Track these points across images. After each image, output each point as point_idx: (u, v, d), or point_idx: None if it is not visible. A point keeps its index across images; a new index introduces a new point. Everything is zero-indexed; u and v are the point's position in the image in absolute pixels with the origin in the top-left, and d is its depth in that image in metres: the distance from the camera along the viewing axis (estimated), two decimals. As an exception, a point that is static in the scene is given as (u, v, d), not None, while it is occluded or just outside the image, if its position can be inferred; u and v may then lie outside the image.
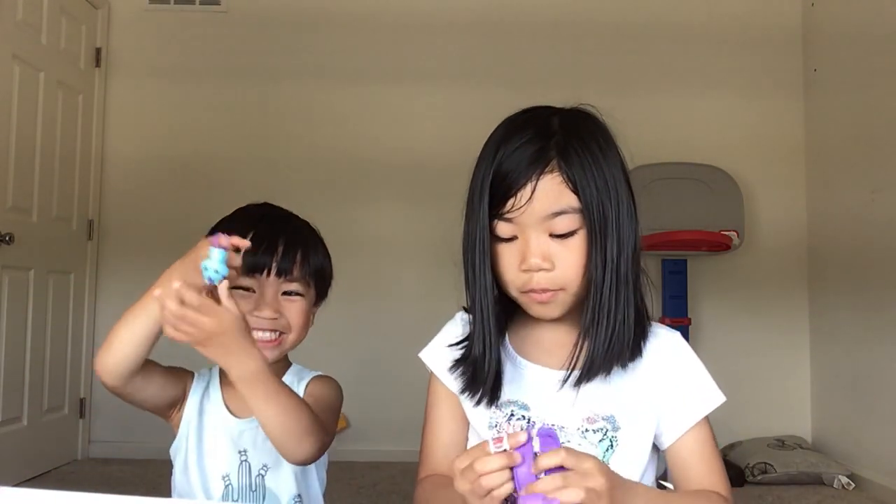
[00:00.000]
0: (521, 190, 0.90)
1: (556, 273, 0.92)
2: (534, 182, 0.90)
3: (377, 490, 2.99)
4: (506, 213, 0.91)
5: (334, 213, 3.67)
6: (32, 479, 3.12)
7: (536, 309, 0.96)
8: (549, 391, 0.98)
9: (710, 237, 3.46)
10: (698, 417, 0.98)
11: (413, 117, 3.83)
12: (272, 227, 1.19)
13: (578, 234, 0.91)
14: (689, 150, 3.67)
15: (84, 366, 3.62)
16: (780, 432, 3.60)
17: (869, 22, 3.27)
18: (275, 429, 1.02)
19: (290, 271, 1.16)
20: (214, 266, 0.94)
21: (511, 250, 0.93)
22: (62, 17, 3.42)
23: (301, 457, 1.06)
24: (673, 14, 3.84)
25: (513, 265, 0.93)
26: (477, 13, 3.85)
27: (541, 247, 0.91)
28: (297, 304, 1.18)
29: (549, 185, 0.90)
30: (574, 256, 0.92)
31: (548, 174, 0.90)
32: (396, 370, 3.31)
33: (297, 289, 1.18)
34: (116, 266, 3.73)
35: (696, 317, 3.65)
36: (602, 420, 0.97)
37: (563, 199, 0.90)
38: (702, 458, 0.98)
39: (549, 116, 0.95)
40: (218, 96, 3.82)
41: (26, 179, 3.16)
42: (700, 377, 1.01)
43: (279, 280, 1.16)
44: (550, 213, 0.90)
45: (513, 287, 0.95)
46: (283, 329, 1.17)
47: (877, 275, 3.16)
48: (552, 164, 0.90)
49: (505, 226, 0.92)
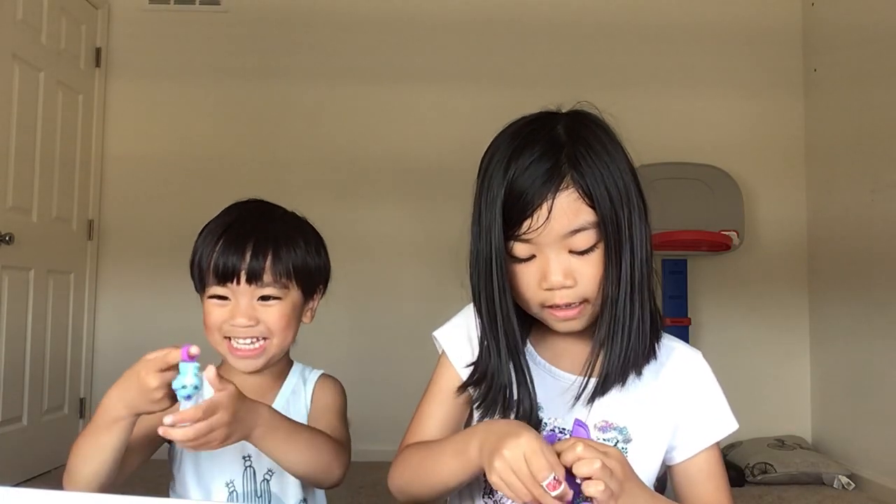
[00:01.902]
0: (538, 210, 0.87)
1: (578, 288, 0.90)
2: (550, 201, 0.87)
3: (377, 490, 2.99)
4: (522, 234, 0.89)
5: (334, 213, 3.67)
6: (32, 479, 3.11)
7: (560, 325, 0.94)
8: (565, 397, 0.98)
9: (710, 237, 3.46)
10: (713, 441, 1.00)
11: (413, 117, 3.83)
12: (242, 228, 1.13)
13: (597, 247, 0.90)
14: (689, 150, 3.66)
15: (84, 366, 3.62)
16: (780, 432, 3.60)
17: (869, 22, 3.27)
18: (302, 469, 1.01)
19: (259, 276, 1.10)
20: (191, 382, 0.87)
21: (530, 269, 0.91)
22: (62, 17, 3.42)
23: (332, 483, 1.05)
24: (673, 14, 3.84)
25: (532, 284, 0.91)
26: (477, 13, 3.85)
27: (562, 265, 0.89)
28: (273, 308, 1.12)
29: (566, 203, 0.87)
30: (595, 270, 0.90)
31: (563, 191, 0.87)
32: (397, 370, 3.31)
33: (272, 293, 1.12)
34: (116, 266, 3.73)
35: (696, 317, 3.65)
36: (614, 430, 0.97)
37: (580, 215, 0.88)
38: (709, 476, 1.00)
39: (553, 125, 0.92)
40: (218, 96, 3.82)
41: (26, 179, 3.16)
42: (719, 401, 1.02)
43: (251, 287, 1.10)
44: (569, 232, 0.88)
45: (533, 304, 0.93)
46: (264, 335, 1.12)
47: (877, 275, 3.16)
48: (566, 181, 0.88)
49: (522, 246, 0.90)
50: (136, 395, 0.92)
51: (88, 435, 0.98)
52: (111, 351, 3.69)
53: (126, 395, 0.93)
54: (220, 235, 1.13)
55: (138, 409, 0.93)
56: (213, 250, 1.12)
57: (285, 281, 1.13)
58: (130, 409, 0.94)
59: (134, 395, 0.92)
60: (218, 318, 1.12)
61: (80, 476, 0.98)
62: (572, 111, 0.97)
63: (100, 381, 3.69)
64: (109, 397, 0.95)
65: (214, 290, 1.12)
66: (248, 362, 1.13)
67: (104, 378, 3.68)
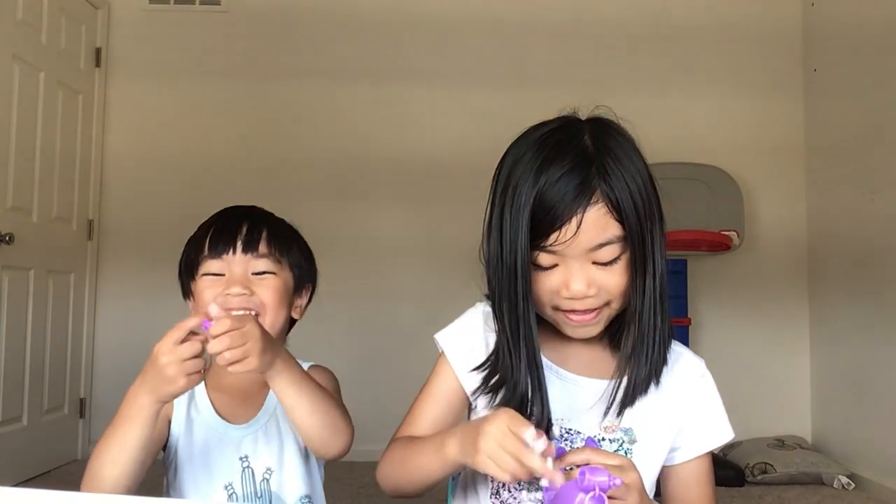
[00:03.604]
0: (567, 224, 0.87)
1: (598, 298, 0.91)
2: (580, 216, 0.87)
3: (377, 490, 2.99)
4: (549, 245, 0.89)
5: (334, 213, 3.68)
6: (32, 479, 3.12)
7: (575, 331, 0.95)
8: (572, 399, 0.98)
9: (710, 237, 3.46)
10: (709, 448, 1.02)
11: (413, 117, 3.83)
12: (235, 213, 1.18)
13: (621, 258, 0.91)
14: (689, 150, 3.66)
15: (84, 366, 3.63)
16: (780, 432, 3.60)
17: (869, 22, 3.27)
18: (312, 421, 1.01)
19: (255, 247, 1.13)
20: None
21: (552, 278, 0.91)
22: (62, 17, 3.42)
23: (339, 448, 1.05)
24: (673, 14, 3.84)
25: (551, 290, 0.92)
26: (478, 13, 3.85)
27: (586, 276, 0.90)
28: (268, 280, 1.13)
29: (595, 217, 0.88)
30: (617, 279, 0.91)
31: (593, 206, 0.88)
32: (396, 369, 3.31)
33: (267, 267, 1.13)
34: (116, 266, 3.73)
35: (696, 317, 3.65)
36: (620, 431, 0.98)
37: (608, 229, 0.88)
38: (699, 482, 1.02)
39: (580, 136, 0.92)
40: (218, 96, 3.82)
41: (26, 179, 3.16)
42: (719, 410, 1.03)
43: (246, 257, 1.12)
44: (596, 245, 0.89)
45: (549, 307, 0.94)
46: (257, 308, 1.11)
47: (877, 275, 3.16)
48: (597, 195, 0.88)
49: (547, 257, 0.90)
50: (154, 378, 0.93)
51: (111, 435, 0.97)
52: (111, 351, 3.69)
53: (145, 382, 0.95)
54: (212, 222, 1.16)
55: (158, 393, 0.94)
56: (206, 234, 1.15)
57: (279, 256, 1.15)
58: (151, 394, 0.95)
59: (153, 378, 0.94)
60: (211, 294, 1.11)
61: (106, 481, 0.97)
62: (594, 118, 0.96)
63: (100, 381, 3.69)
64: (130, 391, 0.96)
65: (208, 266, 1.13)
66: None
67: (104, 378, 3.68)
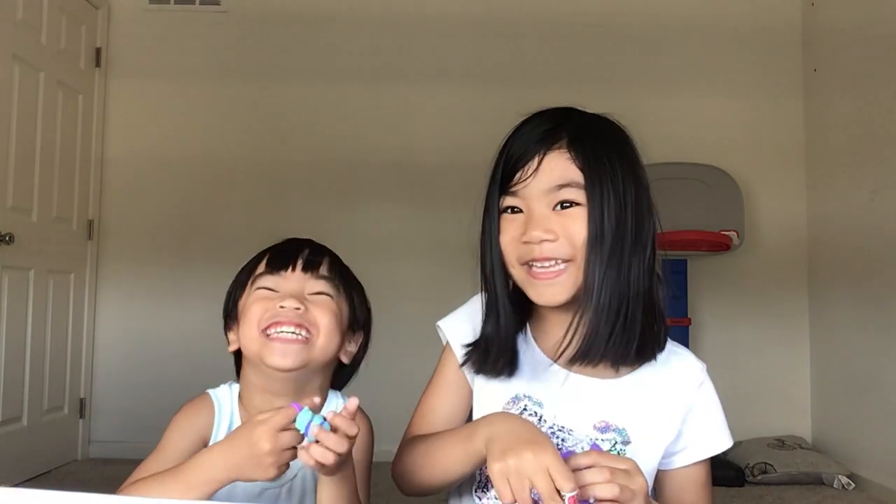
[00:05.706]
0: (528, 163, 0.92)
1: (559, 243, 0.91)
2: (540, 155, 0.92)
3: (377, 490, 2.98)
4: (512, 186, 0.93)
5: (334, 213, 3.67)
6: (32, 479, 3.12)
7: (541, 290, 0.93)
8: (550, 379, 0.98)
9: (710, 237, 3.46)
10: (707, 455, 1.02)
11: (414, 117, 3.83)
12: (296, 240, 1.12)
13: (581, 207, 0.92)
14: (689, 150, 3.66)
15: (84, 366, 3.62)
16: (780, 432, 3.60)
17: (869, 22, 3.27)
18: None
19: (316, 267, 1.06)
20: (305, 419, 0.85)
21: (515, 223, 0.94)
22: (62, 17, 3.42)
23: None
24: (673, 14, 3.84)
25: (514, 238, 0.94)
26: (477, 13, 3.85)
27: (543, 218, 0.92)
28: (324, 300, 1.05)
29: (556, 160, 0.92)
30: (577, 226, 0.91)
31: (555, 150, 0.92)
32: (397, 369, 3.31)
33: (324, 288, 1.06)
34: (116, 266, 3.73)
35: (696, 317, 3.65)
36: (613, 431, 0.97)
37: (568, 173, 0.91)
38: (696, 488, 1.02)
39: (569, 110, 0.98)
40: (218, 96, 3.82)
41: (26, 179, 3.15)
42: (719, 417, 1.03)
43: (305, 275, 1.05)
44: (555, 186, 0.91)
45: (517, 263, 0.94)
46: (310, 325, 1.02)
47: (877, 275, 3.16)
48: (561, 142, 0.92)
49: (511, 199, 0.94)
50: (245, 459, 0.86)
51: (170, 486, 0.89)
52: (111, 351, 3.69)
53: (232, 457, 0.87)
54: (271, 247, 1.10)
55: (242, 474, 0.88)
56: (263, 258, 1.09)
57: (338, 282, 1.07)
58: (232, 473, 0.88)
59: (242, 458, 0.87)
60: (260, 309, 1.03)
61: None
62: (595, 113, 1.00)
63: (100, 381, 3.69)
64: (211, 456, 0.90)
65: (262, 281, 1.05)
66: (287, 348, 1.01)
67: (104, 378, 3.68)
